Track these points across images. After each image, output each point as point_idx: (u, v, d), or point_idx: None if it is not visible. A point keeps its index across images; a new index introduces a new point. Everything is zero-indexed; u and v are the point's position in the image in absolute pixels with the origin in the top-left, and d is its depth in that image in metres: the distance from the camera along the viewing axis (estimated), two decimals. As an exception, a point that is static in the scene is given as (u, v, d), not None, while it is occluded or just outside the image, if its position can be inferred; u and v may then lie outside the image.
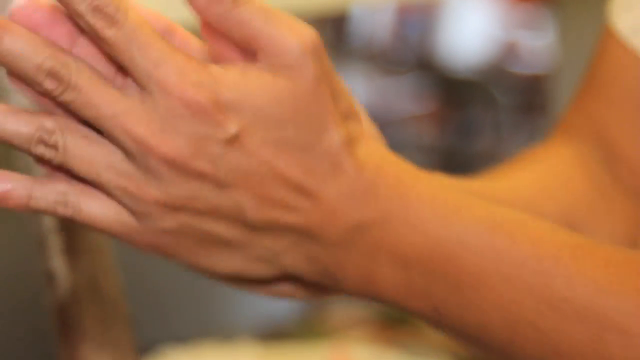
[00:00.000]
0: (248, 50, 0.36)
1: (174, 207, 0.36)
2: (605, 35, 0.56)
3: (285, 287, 0.41)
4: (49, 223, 0.56)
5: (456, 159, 3.52)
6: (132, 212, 0.37)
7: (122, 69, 0.36)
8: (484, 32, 3.78)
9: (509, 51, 3.76)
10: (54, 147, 0.36)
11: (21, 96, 0.38)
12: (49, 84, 0.35)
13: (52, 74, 0.35)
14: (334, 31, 2.48)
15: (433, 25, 3.81)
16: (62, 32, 0.36)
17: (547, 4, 2.70)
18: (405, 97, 3.60)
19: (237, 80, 0.36)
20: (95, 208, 0.37)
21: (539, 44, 3.51)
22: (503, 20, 3.80)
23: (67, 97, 0.36)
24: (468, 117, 3.62)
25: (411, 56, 3.81)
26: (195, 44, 0.39)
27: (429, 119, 3.60)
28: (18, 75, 0.36)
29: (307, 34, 0.37)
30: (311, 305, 1.56)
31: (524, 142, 3.38)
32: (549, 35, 2.57)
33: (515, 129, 3.58)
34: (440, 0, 3.12)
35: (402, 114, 3.55)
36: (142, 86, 0.35)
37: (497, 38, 3.77)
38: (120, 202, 0.37)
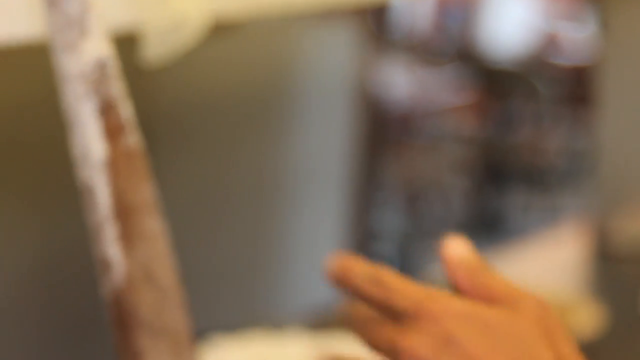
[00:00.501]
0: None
1: None
2: None
3: None
4: (104, 211, 0.58)
5: (497, 150, 3.55)
6: None
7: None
8: (525, 23, 3.75)
9: (551, 42, 3.71)
10: None
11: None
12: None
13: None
14: (375, 22, 2.45)
15: (474, 16, 3.80)
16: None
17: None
18: (446, 88, 3.56)
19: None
20: None
21: (580, 36, 3.50)
22: (544, 11, 3.78)
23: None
24: (509, 109, 3.59)
25: (452, 47, 3.80)
26: None
27: (470, 110, 3.56)
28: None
29: (538, 299, 0.52)
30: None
31: (565, 133, 3.49)
32: (591, 27, 2.63)
33: (557, 121, 3.54)
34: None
35: (443, 105, 3.51)
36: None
37: (538, 29, 3.74)
38: None
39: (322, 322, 1.09)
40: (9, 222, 1.21)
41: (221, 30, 0.71)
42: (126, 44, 0.62)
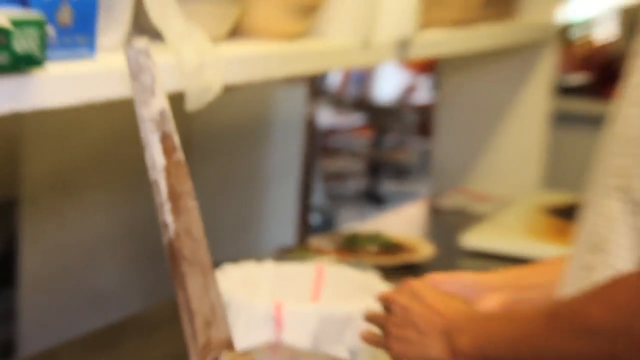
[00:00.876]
0: None
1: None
2: None
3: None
4: (163, 196, 0.96)
5: (380, 154, 6.02)
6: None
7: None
8: (397, 79, 6.40)
9: (411, 91, 6.38)
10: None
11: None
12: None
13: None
14: (316, 82, 3.69)
15: (369, 77, 6.43)
16: None
17: (433, 71, 4.89)
18: (350, 117, 6.21)
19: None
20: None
21: (427, 87, 6.06)
22: (408, 72, 6.41)
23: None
24: (386, 129, 6.19)
25: (355, 96, 6.48)
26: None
27: (365, 130, 6.14)
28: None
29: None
30: (303, 239, 2.90)
31: (418, 144, 5.89)
32: (433, 82, 4.96)
33: (414, 136, 6.03)
34: (375, 65, 4.68)
35: (350, 127, 6.05)
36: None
37: (405, 83, 6.44)
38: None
39: (282, 255, 2.07)
40: (118, 200, 2.49)
41: (226, 90, 1.27)
42: (176, 100, 1.09)
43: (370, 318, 1.21)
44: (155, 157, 0.98)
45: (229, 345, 1.07)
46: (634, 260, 0.96)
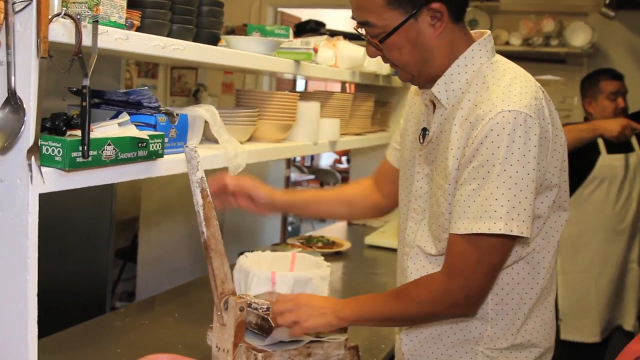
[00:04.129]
0: None
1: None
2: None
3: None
4: (201, 218, 1.65)
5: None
6: None
7: None
8: (331, 156, 10.20)
9: (337, 162, 9.99)
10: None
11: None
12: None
13: None
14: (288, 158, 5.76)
15: (317, 155, 9.56)
16: None
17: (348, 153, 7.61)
18: (306, 176, 8.98)
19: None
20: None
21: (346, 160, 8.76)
22: (336, 154, 10.22)
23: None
24: (326, 182, 8.97)
25: (309, 164, 9.48)
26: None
27: (314, 183, 8.94)
28: None
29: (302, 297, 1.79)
30: (284, 239, 4.31)
31: None
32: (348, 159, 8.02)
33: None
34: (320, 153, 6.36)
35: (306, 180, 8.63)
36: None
37: (335, 158, 10.37)
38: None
39: (274, 248, 3.10)
40: (187, 218, 4.72)
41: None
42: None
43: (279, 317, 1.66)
44: (197, 199, 1.63)
45: (233, 293, 1.70)
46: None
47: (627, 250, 3.77)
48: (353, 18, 1.62)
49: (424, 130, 1.66)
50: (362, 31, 1.60)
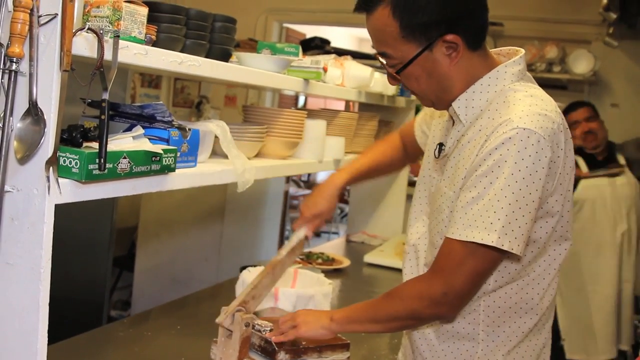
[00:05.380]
0: None
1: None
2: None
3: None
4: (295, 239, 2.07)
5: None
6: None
7: None
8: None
9: None
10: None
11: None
12: None
13: None
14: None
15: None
16: None
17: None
18: (304, 190, 8.96)
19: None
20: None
21: None
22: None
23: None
24: None
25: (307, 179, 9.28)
26: None
27: None
28: None
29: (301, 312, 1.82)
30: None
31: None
32: None
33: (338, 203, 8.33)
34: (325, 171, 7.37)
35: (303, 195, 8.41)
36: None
37: None
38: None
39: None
40: (185, 229, 4.86)
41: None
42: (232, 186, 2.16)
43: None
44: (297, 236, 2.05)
45: (247, 312, 1.80)
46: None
47: (618, 268, 3.89)
48: (373, 47, 1.66)
49: (440, 145, 1.68)
50: (383, 60, 1.63)
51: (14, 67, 1.28)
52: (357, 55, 3.72)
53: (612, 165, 4.02)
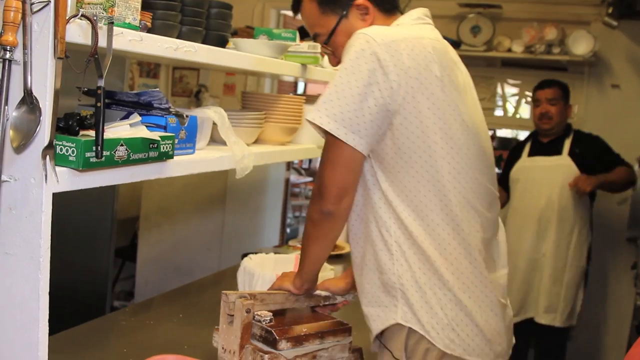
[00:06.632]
0: None
1: None
2: None
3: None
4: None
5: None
6: None
7: None
8: None
9: None
10: None
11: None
12: None
13: None
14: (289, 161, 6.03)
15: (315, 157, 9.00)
16: None
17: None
18: (304, 178, 7.48)
19: None
20: None
21: None
22: None
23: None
24: None
25: (307, 167, 8.10)
26: None
27: (311, 185, 7.47)
28: None
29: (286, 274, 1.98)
30: (284, 241, 4.87)
31: None
32: None
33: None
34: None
35: (304, 183, 7.30)
36: None
37: None
38: None
39: (277, 251, 3.22)
40: (186, 218, 4.80)
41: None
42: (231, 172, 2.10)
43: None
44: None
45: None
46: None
47: (536, 242, 4.08)
48: (310, 36, 1.90)
49: None
50: (318, 43, 1.87)
51: (7, 55, 1.28)
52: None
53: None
